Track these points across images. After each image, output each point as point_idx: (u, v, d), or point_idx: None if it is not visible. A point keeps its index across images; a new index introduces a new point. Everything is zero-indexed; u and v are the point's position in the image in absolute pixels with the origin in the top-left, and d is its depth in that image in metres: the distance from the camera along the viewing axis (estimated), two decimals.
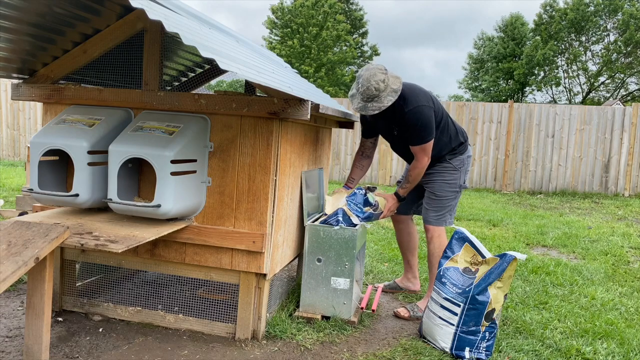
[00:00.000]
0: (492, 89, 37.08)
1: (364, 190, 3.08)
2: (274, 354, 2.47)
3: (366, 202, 3.04)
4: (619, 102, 31.86)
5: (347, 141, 11.07)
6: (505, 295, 2.56)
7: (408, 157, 3.18)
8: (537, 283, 3.87)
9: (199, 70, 3.73)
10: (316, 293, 2.87)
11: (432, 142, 2.97)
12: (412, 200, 3.33)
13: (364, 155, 3.34)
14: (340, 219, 2.91)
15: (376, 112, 2.84)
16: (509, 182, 10.56)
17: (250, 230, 2.50)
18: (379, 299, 3.30)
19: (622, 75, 33.40)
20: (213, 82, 4.03)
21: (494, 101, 33.05)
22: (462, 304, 2.54)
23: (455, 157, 3.13)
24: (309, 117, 2.36)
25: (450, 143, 3.12)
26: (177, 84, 3.69)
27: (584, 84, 35.53)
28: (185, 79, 3.74)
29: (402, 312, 3.07)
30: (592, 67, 34.52)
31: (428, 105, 2.96)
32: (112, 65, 2.90)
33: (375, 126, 3.23)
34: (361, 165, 3.33)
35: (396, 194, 3.16)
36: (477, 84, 38.24)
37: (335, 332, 2.75)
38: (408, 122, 2.94)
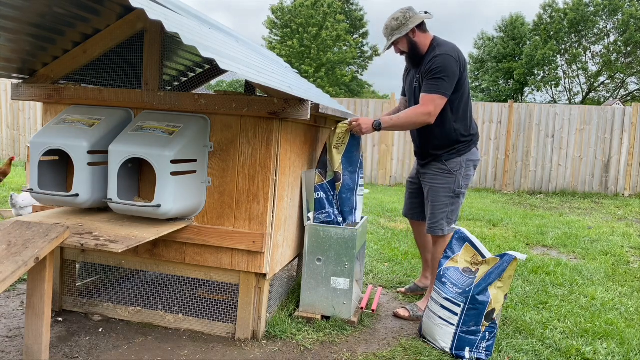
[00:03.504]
0: (492, 89, 37.08)
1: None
2: (274, 354, 2.47)
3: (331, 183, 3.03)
4: (619, 102, 31.86)
5: None
6: (506, 295, 2.56)
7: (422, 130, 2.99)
8: (537, 283, 3.87)
9: (199, 70, 3.73)
10: (316, 293, 2.87)
11: (444, 100, 2.77)
12: (412, 200, 3.32)
13: (401, 110, 3.20)
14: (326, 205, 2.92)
15: (386, 48, 2.89)
16: (509, 182, 10.56)
17: (250, 230, 2.50)
18: (379, 299, 3.30)
19: (622, 75, 33.40)
20: (213, 82, 4.03)
21: (494, 101, 33.03)
22: (462, 304, 2.54)
23: (452, 159, 2.94)
24: (309, 117, 2.36)
25: (456, 131, 2.91)
26: (177, 84, 3.69)
27: (584, 84, 35.54)
28: (185, 79, 3.74)
29: (402, 312, 3.06)
30: (592, 67, 34.53)
31: (455, 58, 2.79)
32: (112, 65, 2.90)
33: (405, 84, 3.17)
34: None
35: (376, 121, 2.87)
36: (477, 84, 38.23)
37: (335, 332, 2.74)
38: (431, 66, 2.79)
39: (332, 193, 2.99)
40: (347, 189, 2.98)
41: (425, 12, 2.87)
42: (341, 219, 2.99)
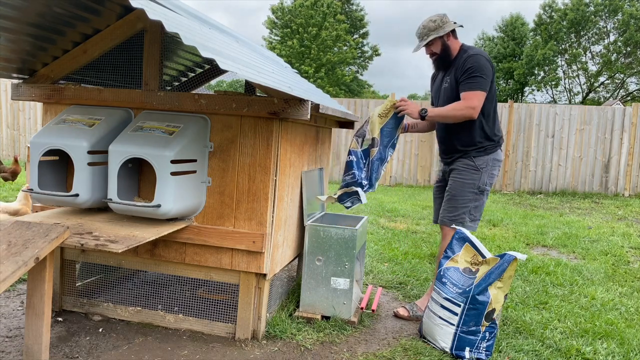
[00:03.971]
0: None
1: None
2: (274, 354, 2.47)
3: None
4: (619, 102, 31.86)
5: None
6: (506, 295, 2.56)
7: (446, 126, 3.06)
8: (537, 283, 3.87)
9: (199, 70, 3.73)
10: (316, 293, 2.87)
11: (484, 96, 2.87)
12: (438, 206, 3.25)
13: None
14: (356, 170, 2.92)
15: (420, 47, 2.98)
16: (509, 182, 10.56)
17: (250, 230, 2.50)
18: (379, 299, 3.30)
19: (622, 76, 33.40)
20: (213, 82, 4.03)
21: None
22: (462, 304, 2.54)
23: (480, 156, 2.99)
24: (309, 117, 2.36)
25: (484, 131, 2.99)
26: (177, 84, 3.69)
27: (583, 84, 35.54)
28: (185, 79, 3.74)
29: (402, 311, 3.06)
30: (592, 67, 34.53)
31: (487, 59, 2.93)
32: (112, 65, 2.90)
33: (432, 88, 3.24)
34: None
35: (424, 109, 2.94)
36: None
37: (335, 332, 2.74)
38: (466, 65, 2.88)
39: (364, 161, 3.01)
40: (379, 158, 3.01)
41: (454, 22, 3.01)
42: (366, 182, 2.97)
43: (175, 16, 2.08)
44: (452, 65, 2.99)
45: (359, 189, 2.93)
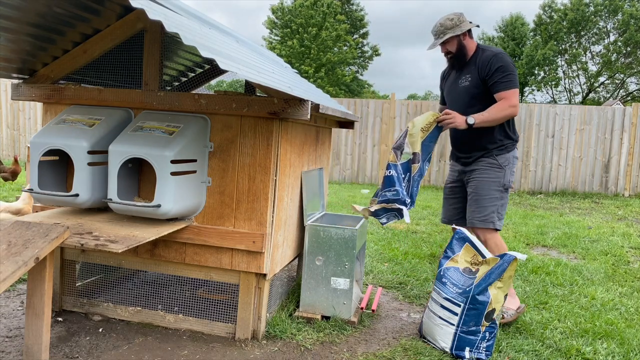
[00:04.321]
0: None
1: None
2: (274, 354, 2.47)
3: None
4: (619, 102, 31.86)
5: (347, 141, 11.07)
6: (506, 295, 2.56)
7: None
8: (537, 283, 3.87)
9: (199, 70, 3.73)
10: (316, 293, 2.87)
11: (517, 93, 2.88)
12: (456, 206, 3.23)
13: None
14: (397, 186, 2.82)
15: (437, 45, 2.97)
16: None
17: (250, 230, 2.50)
18: (379, 299, 3.30)
19: (622, 76, 33.40)
20: (213, 82, 4.03)
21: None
22: (462, 304, 2.54)
23: (502, 154, 3.01)
24: (309, 117, 2.36)
25: (505, 129, 3.01)
26: (177, 84, 3.69)
27: (583, 84, 35.54)
28: (185, 79, 3.74)
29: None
30: (592, 68, 34.53)
31: (509, 58, 2.96)
32: (112, 65, 2.90)
33: (444, 89, 3.22)
34: None
35: (470, 117, 2.90)
36: None
37: (335, 332, 2.74)
38: (494, 65, 2.89)
39: (404, 175, 2.91)
40: (420, 174, 2.94)
41: (470, 22, 3.01)
42: (409, 200, 2.87)
43: (175, 16, 2.08)
44: (470, 65, 3.00)
45: (403, 208, 2.82)
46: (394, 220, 2.93)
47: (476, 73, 2.98)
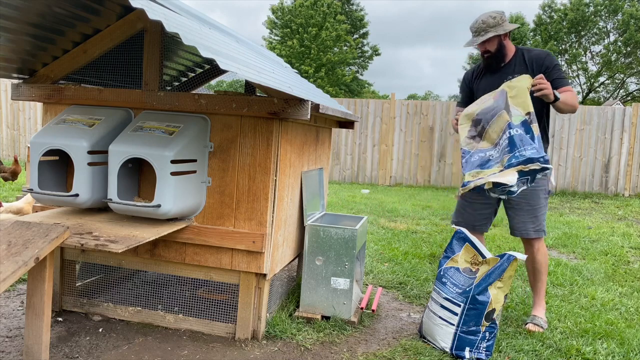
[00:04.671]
0: None
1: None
2: (274, 354, 2.47)
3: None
4: (619, 102, 31.86)
5: (347, 141, 11.07)
6: (506, 295, 2.56)
7: None
8: None
9: (199, 70, 3.73)
10: (316, 293, 2.87)
11: None
12: (483, 212, 3.11)
13: None
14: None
15: (478, 42, 2.86)
16: None
17: (250, 230, 2.50)
18: (379, 299, 3.30)
19: (622, 76, 33.41)
20: (213, 82, 4.03)
21: None
22: (462, 304, 2.54)
23: None
24: (309, 117, 2.36)
25: (546, 132, 2.95)
26: (177, 84, 3.70)
27: (583, 84, 35.54)
28: (185, 79, 3.74)
29: (532, 327, 2.91)
30: (592, 67, 34.54)
31: None
32: (112, 65, 2.90)
33: (476, 89, 3.05)
34: None
35: (555, 91, 2.72)
36: None
37: (335, 332, 2.74)
38: (550, 62, 2.86)
39: (530, 134, 2.53)
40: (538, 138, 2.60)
41: (511, 23, 2.96)
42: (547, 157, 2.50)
43: (175, 16, 2.08)
44: (512, 65, 2.91)
45: (549, 166, 2.43)
46: (523, 187, 2.53)
47: (526, 72, 2.84)
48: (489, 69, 3.01)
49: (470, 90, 3.12)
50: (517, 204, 2.95)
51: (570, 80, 35.40)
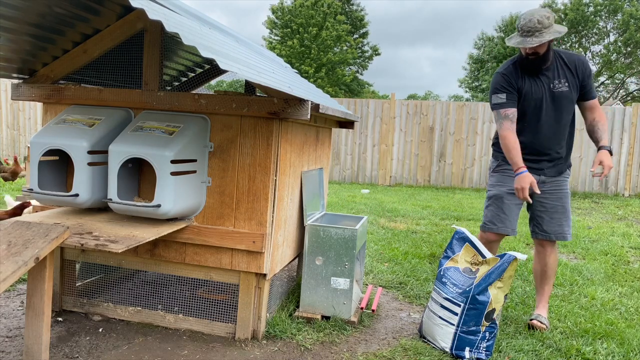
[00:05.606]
0: None
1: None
2: (274, 354, 2.47)
3: None
4: (618, 102, 31.86)
5: (347, 141, 11.07)
6: (506, 295, 2.56)
7: (559, 131, 2.85)
8: None
9: (199, 70, 3.73)
10: (316, 293, 2.87)
11: None
12: (518, 213, 3.03)
13: (514, 130, 2.82)
14: None
15: (535, 45, 2.62)
16: None
17: (250, 230, 2.50)
18: (379, 299, 3.30)
19: (622, 76, 33.41)
20: (213, 82, 4.03)
21: None
22: (462, 304, 2.54)
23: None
24: (309, 117, 2.36)
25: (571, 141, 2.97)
26: (177, 84, 3.69)
27: None
28: (185, 79, 3.74)
29: (536, 323, 2.91)
30: (592, 68, 34.52)
31: None
32: (112, 65, 2.90)
33: (523, 91, 2.85)
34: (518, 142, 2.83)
35: (604, 147, 2.74)
36: (477, 84, 38.22)
37: (335, 332, 2.74)
38: (589, 69, 2.82)
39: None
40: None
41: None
42: None
43: (175, 16, 2.08)
44: (553, 69, 2.81)
45: None
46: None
47: (572, 77, 2.80)
48: (531, 72, 2.82)
49: (518, 90, 2.85)
50: (552, 207, 2.95)
51: None
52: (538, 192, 2.76)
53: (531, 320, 2.94)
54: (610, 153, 2.76)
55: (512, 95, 2.84)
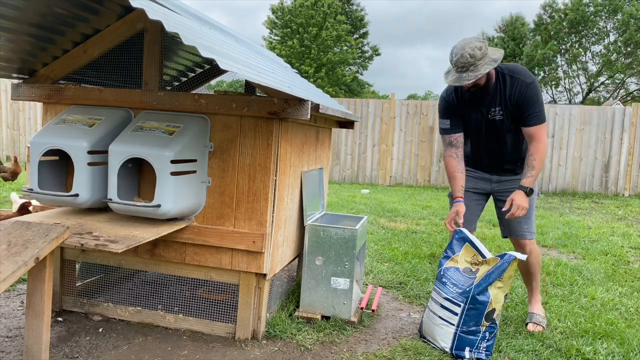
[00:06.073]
0: None
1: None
2: (274, 354, 2.47)
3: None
4: (618, 102, 31.86)
5: (347, 141, 11.07)
6: (506, 295, 2.56)
7: (500, 152, 2.86)
8: None
9: (199, 70, 3.73)
10: (316, 293, 2.87)
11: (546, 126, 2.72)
12: (477, 212, 3.06)
13: (458, 156, 2.87)
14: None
15: (471, 81, 2.54)
16: None
17: (250, 230, 2.50)
18: (379, 299, 3.30)
19: (622, 76, 33.41)
20: (213, 82, 4.03)
21: None
22: (462, 304, 2.54)
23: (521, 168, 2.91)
24: (309, 117, 2.36)
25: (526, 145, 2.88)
26: (177, 84, 3.70)
27: (583, 84, 35.55)
28: (185, 79, 3.74)
29: (531, 327, 2.92)
30: (592, 67, 34.54)
31: (536, 81, 2.75)
32: (112, 65, 2.90)
33: (462, 116, 2.84)
34: (462, 168, 2.87)
35: (521, 187, 2.68)
36: None
37: (335, 332, 2.74)
38: (529, 97, 2.65)
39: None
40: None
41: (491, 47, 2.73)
42: None
43: (175, 16, 2.08)
44: (492, 93, 2.72)
45: None
46: None
47: (507, 104, 2.71)
48: (476, 102, 2.76)
49: (461, 116, 2.85)
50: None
51: (570, 81, 35.06)
52: (460, 223, 2.78)
53: (526, 324, 2.97)
54: (528, 194, 2.69)
55: (455, 120, 2.86)
